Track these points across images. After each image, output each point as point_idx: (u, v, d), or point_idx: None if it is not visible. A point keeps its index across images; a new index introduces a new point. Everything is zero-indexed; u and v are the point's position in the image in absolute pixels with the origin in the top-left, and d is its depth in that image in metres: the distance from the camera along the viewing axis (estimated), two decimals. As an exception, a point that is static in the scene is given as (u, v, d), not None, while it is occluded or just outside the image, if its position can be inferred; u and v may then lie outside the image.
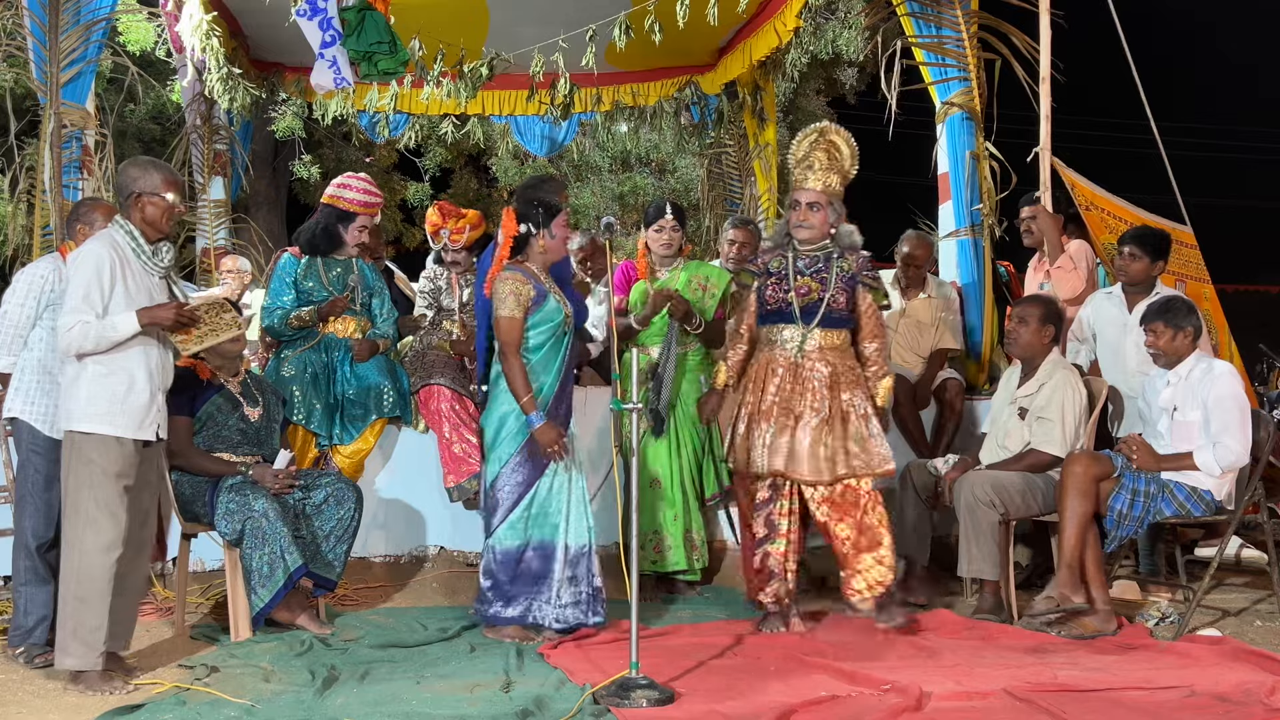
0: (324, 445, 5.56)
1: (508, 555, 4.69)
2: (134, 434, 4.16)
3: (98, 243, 4.17)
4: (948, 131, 6.81)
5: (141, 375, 4.18)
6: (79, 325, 4.05)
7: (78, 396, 4.10)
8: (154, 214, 4.22)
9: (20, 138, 6.72)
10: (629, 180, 12.90)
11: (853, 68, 12.47)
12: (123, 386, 4.13)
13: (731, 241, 6.20)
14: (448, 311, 6.12)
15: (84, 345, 4.06)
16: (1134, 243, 5.70)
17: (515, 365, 4.61)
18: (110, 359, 4.11)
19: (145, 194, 4.20)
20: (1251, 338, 8.69)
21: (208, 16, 6.54)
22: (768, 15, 7.35)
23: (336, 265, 5.71)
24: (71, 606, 4.07)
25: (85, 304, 4.06)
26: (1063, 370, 5.29)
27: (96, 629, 4.06)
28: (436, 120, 8.77)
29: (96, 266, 4.09)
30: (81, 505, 4.08)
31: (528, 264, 4.74)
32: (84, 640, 4.05)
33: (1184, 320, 5.00)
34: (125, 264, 4.16)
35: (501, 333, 4.64)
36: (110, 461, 4.09)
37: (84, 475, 4.08)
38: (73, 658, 4.06)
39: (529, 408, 4.59)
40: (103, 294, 4.09)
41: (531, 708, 3.75)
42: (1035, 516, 5.21)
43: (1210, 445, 4.83)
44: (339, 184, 5.73)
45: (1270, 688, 3.88)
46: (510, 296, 4.61)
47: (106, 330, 4.07)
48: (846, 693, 3.97)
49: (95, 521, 4.06)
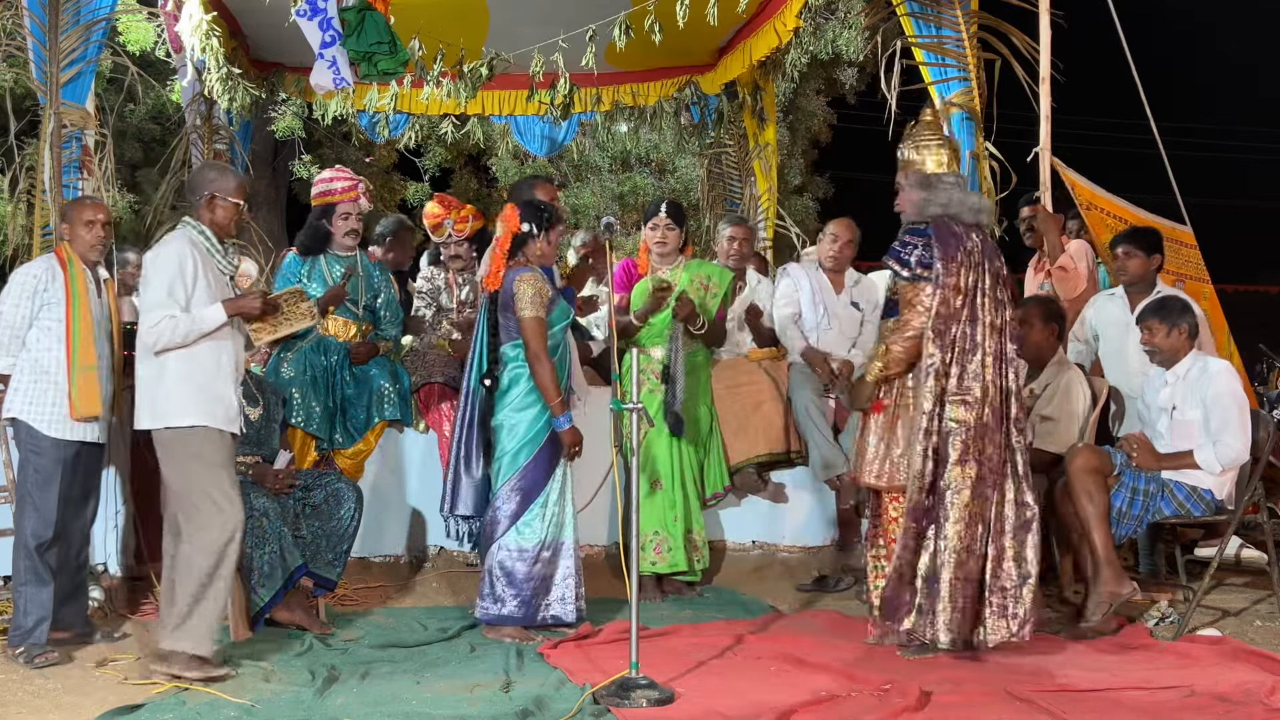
0: (324, 449, 5.56)
1: (523, 554, 4.71)
2: (224, 425, 4.21)
3: (178, 240, 4.25)
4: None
5: (225, 367, 4.24)
6: (166, 319, 4.10)
7: (165, 393, 4.15)
8: (224, 217, 4.32)
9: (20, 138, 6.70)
10: (629, 180, 12.89)
11: (853, 68, 12.46)
12: (208, 378, 4.19)
13: (731, 239, 6.21)
14: (446, 311, 6.12)
15: (172, 339, 4.11)
16: (1127, 241, 5.74)
17: (547, 367, 4.62)
18: (192, 353, 4.16)
19: (219, 196, 4.29)
20: (1251, 338, 8.69)
21: (208, 16, 6.54)
22: (768, 15, 7.34)
23: (340, 264, 5.69)
24: (192, 592, 4.11)
25: (170, 299, 4.12)
26: (1068, 371, 5.30)
27: (218, 614, 4.16)
28: (436, 120, 8.76)
29: (180, 262, 4.16)
30: (198, 497, 4.13)
31: (529, 263, 4.78)
32: (202, 626, 4.12)
33: (1179, 317, 5.01)
34: (203, 260, 4.23)
35: (529, 335, 4.63)
36: (214, 450, 4.17)
37: (193, 468, 4.14)
38: (189, 641, 4.11)
39: (559, 409, 4.63)
40: (186, 289, 4.15)
41: (531, 708, 3.75)
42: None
43: (1210, 443, 4.83)
44: (315, 182, 5.75)
45: (1270, 688, 3.89)
46: (536, 297, 4.63)
47: (196, 323, 4.14)
48: (846, 693, 3.97)
49: (220, 509, 4.13)
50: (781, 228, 8.73)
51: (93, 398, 4.55)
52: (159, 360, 4.16)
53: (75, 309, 4.56)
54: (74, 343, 4.54)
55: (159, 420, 4.18)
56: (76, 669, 4.37)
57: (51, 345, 4.56)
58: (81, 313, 4.57)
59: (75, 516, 4.64)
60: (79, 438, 4.58)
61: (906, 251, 4.49)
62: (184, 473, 4.16)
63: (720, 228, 6.53)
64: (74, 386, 4.52)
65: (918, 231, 4.51)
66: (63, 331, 4.55)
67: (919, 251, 4.47)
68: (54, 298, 4.57)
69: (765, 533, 6.29)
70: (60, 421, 4.53)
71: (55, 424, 4.53)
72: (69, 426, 4.54)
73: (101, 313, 4.69)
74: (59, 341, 4.55)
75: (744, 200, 8.76)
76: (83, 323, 4.56)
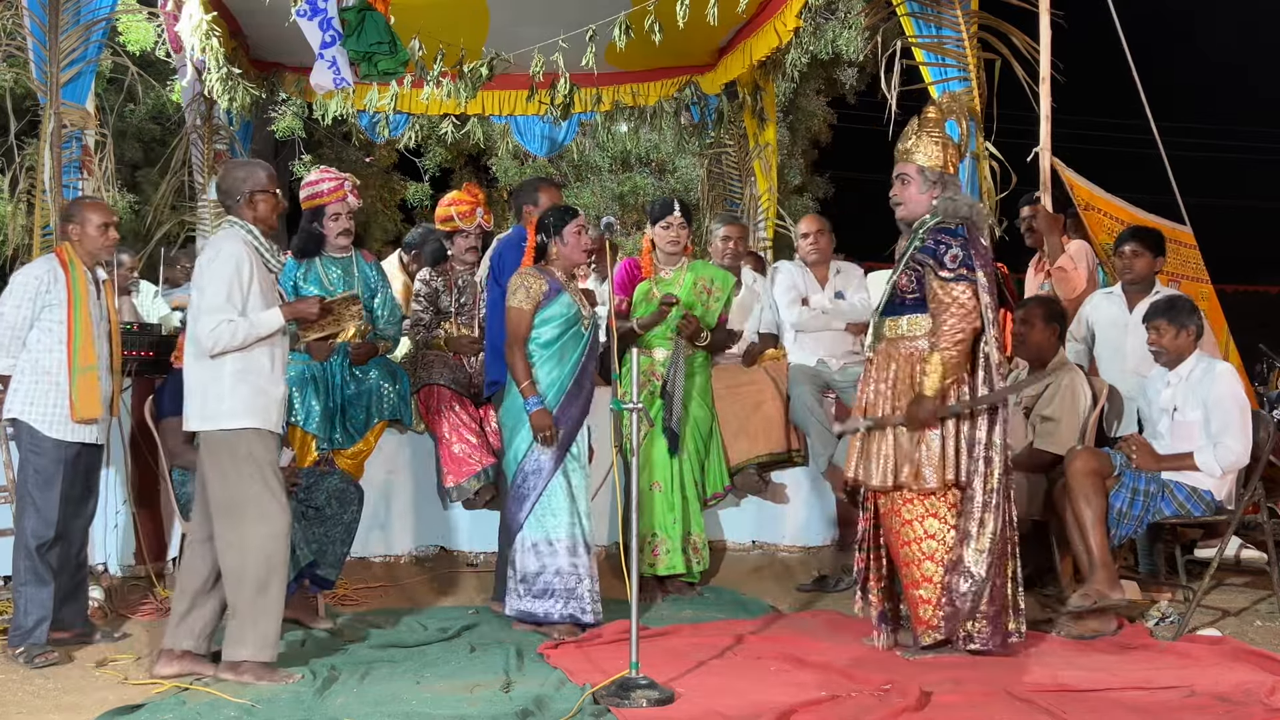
0: (324, 449, 5.55)
1: (536, 550, 4.78)
2: (274, 427, 4.21)
3: (233, 242, 4.21)
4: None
5: (278, 367, 4.25)
6: (225, 324, 4.08)
7: (220, 395, 4.13)
8: (265, 210, 4.30)
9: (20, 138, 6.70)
10: (629, 180, 12.90)
11: (853, 68, 12.47)
12: (263, 380, 4.18)
13: (725, 238, 6.21)
14: (445, 314, 6.11)
15: (232, 343, 4.10)
16: (1135, 240, 5.72)
17: (517, 354, 4.83)
18: (247, 355, 4.15)
19: (256, 192, 4.27)
20: (1251, 338, 8.69)
21: (207, 16, 6.53)
22: (768, 15, 7.34)
23: (336, 266, 5.68)
24: (249, 598, 4.09)
25: (229, 303, 4.11)
26: (1069, 371, 5.30)
27: (276, 617, 4.13)
28: (436, 120, 8.76)
29: (236, 265, 4.14)
30: (249, 499, 4.11)
31: (550, 266, 4.91)
32: (264, 631, 4.10)
33: (1187, 319, 5.01)
34: (256, 261, 4.21)
35: (509, 322, 4.84)
36: (265, 452, 4.16)
37: (246, 470, 4.12)
38: (250, 648, 4.09)
39: (528, 392, 4.76)
40: (242, 292, 4.14)
41: (531, 708, 3.75)
42: (1036, 517, 5.21)
43: (1211, 445, 4.83)
44: (302, 186, 5.70)
45: (1270, 688, 3.88)
46: (521, 289, 4.84)
47: (254, 328, 4.13)
48: (846, 693, 3.96)
49: (268, 513, 4.12)
50: (782, 228, 8.73)
51: (93, 399, 4.55)
52: (214, 363, 4.13)
53: (76, 311, 4.56)
54: (75, 344, 4.54)
55: (210, 423, 4.15)
56: (76, 669, 4.37)
57: (52, 346, 4.56)
58: (83, 314, 4.57)
59: (75, 516, 4.64)
60: (79, 439, 4.58)
61: (942, 251, 4.41)
62: (234, 475, 4.12)
63: (714, 227, 6.53)
64: (74, 388, 4.52)
65: (950, 231, 4.44)
66: (64, 333, 4.55)
67: (955, 251, 4.40)
68: (56, 299, 4.56)
69: (765, 533, 6.29)
70: (61, 422, 4.53)
71: (56, 425, 4.53)
72: (69, 427, 4.55)
73: (100, 314, 4.69)
74: (60, 343, 4.55)
75: (744, 200, 8.75)
76: (84, 324, 4.56)
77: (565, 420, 4.81)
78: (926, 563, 4.42)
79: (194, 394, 4.19)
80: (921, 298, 4.47)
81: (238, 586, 4.11)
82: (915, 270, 4.48)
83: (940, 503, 4.43)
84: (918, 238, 4.51)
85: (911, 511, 4.46)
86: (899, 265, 4.57)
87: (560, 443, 4.80)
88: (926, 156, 4.55)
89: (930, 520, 4.43)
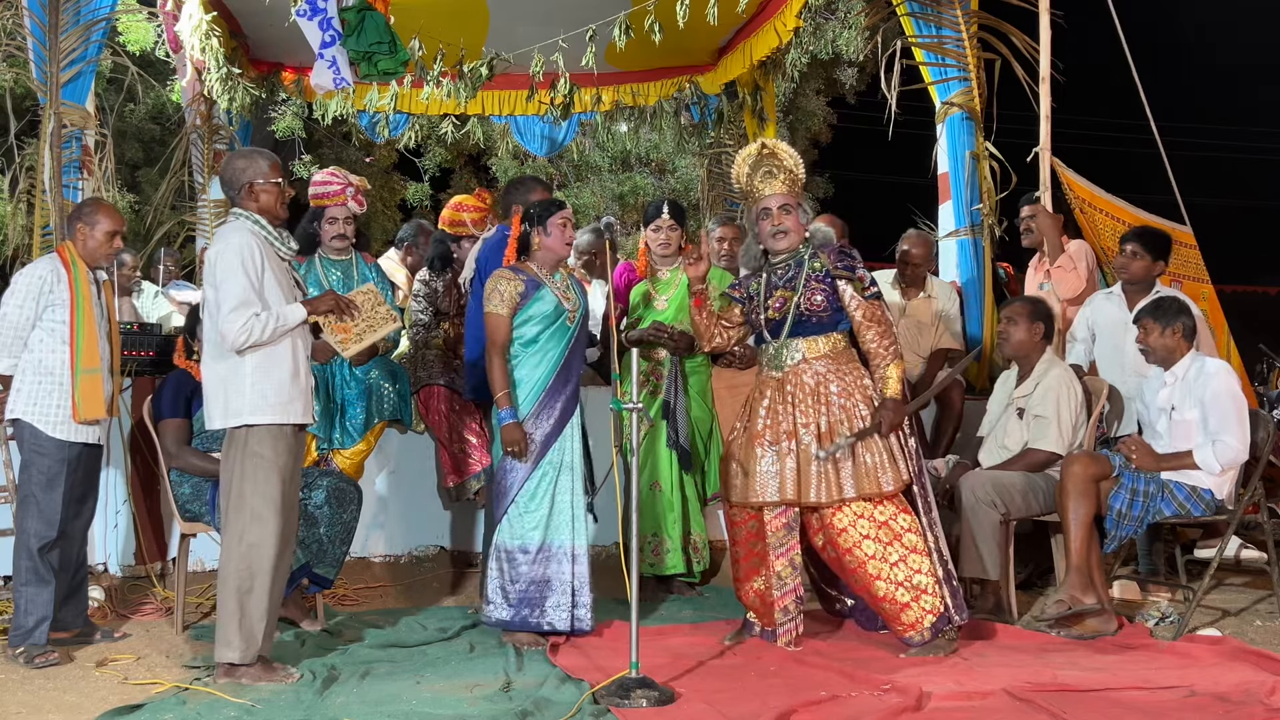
0: (324, 449, 5.55)
1: (510, 556, 4.66)
2: (298, 418, 4.17)
3: (238, 233, 4.13)
4: (948, 131, 6.81)
5: (301, 361, 4.21)
6: (250, 319, 4.03)
7: (242, 391, 4.09)
8: (268, 200, 4.23)
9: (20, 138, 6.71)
10: (629, 180, 12.90)
11: (853, 68, 12.48)
12: (287, 375, 4.14)
13: (721, 239, 6.20)
14: (444, 315, 6.11)
15: (259, 338, 4.06)
16: (1136, 241, 5.71)
17: (495, 362, 4.67)
18: (270, 350, 4.11)
19: (256, 182, 4.21)
20: (1251, 338, 8.69)
21: (207, 16, 6.55)
22: (768, 15, 7.36)
23: (336, 268, 5.67)
24: (235, 601, 4.07)
25: (254, 297, 4.06)
26: (1057, 369, 5.30)
27: (260, 621, 4.08)
28: (436, 120, 8.77)
29: (247, 255, 4.08)
30: (246, 500, 4.08)
31: (529, 264, 4.77)
32: (248, 634, 4.07)
33: (1173, 318, 5.01)
34: (265, 250, 4.16)
35: (488, 329, 4.70)
36: (276, 453, 4.11)
37: (249, 469, 4.09)
38: (235, 651, 4.06)
39: (502, 403, 4.63)
40: (258, 281, 4.09)
41: (531, 708, 3.75)
42: (1036, 516, 5.21)
43: (1209, 443, 4.83)
44: (310, 183, 5.70)
45: (1270, 688, 3.88)
46: (495, 294, 4.68)
47: (279, 322, 4.09)
48: (846, 693, 3.96)
49: (260, 516, 4.08)
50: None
51: (96, 400, 4.54)
52: (239, 359, 4.09)
53: (79, 311, 4.54)
54: (78, 345, 4.53)
55: (232, 418, 4.11)
56: (76, 669, 4.36)
57: (55, 347, 4.55)
58: (85, 315, 4.55)
59: (75, 516, 4.64)
60: (81, 439, 4.58)
61: (857, 270, 4.61)
62: (239, 472, 4.10)
63: (709, 228, 6.52)
64: (77, 389, 4.51)
65: (848, 253, 4.64)
66: (66, 333, 4.54)
67: (862, 270, 4.62)
68: (58, 299, 4.55)
69: (765, 533, 6.28)
70: (63, 423, 4.53)
71: (59, 425, 4.52)
72: (72, 428, 4.54)
73: (100, 314, 4.68)
74: (63, 343, 4.54)
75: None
76: (86, 325, 4.55)
77: (547, 417, 4.68)
78: (898, 566, 4.44)
79: (215, 391, 4.14)
80: (836, 313, 4.59)
81: (223, 586, 4.10)
82: (825, 289, 4.58)
83: (891, 505, 4.48)
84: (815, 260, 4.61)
85: (871, 522, 4.46)
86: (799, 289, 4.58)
87: (540, 445, 4.66)
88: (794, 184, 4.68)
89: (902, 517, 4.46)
